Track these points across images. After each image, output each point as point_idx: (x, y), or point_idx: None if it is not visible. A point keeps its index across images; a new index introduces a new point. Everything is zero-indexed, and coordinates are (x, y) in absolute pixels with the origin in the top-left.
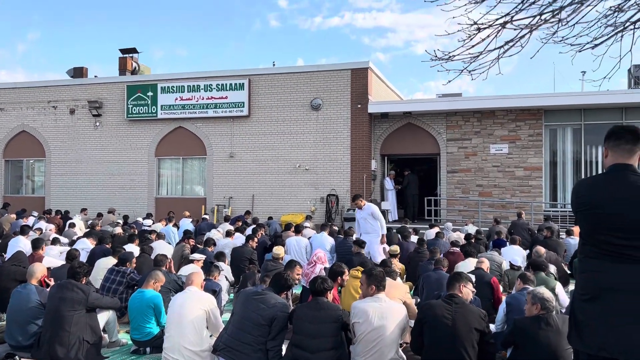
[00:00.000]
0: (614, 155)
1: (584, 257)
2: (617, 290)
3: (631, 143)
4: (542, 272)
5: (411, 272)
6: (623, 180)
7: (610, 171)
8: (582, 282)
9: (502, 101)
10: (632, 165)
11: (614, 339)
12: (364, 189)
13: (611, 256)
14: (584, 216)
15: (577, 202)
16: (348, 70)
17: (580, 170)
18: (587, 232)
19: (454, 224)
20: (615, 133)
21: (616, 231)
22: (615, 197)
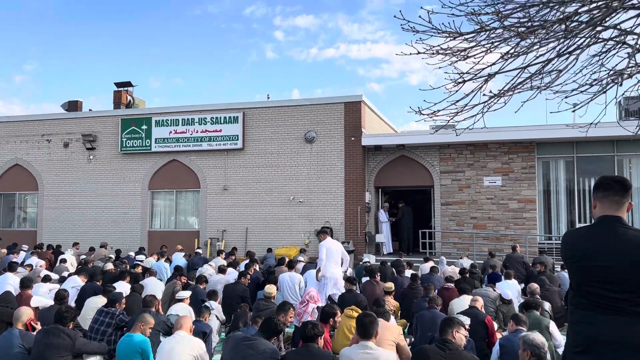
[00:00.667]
0: (602, 206)
1: (575, 308)
2: (608, 343)
3: (619, 195)
4: (536, 310)
5: (405, 309)
6: (611, 232)
7: (599, 223)
8: (573, 334)
9: (495, 134)
10: (621, 217)
11: None
12: (358, 221)
13: (602, 308)
14: (573, 268)
15: (565, 253)
16: (341, 103)
17: (574, 202)
18: (577, 283)
19: (449, 256)
20: (604, 184)
21: (606, 284)
22: (604, 249)
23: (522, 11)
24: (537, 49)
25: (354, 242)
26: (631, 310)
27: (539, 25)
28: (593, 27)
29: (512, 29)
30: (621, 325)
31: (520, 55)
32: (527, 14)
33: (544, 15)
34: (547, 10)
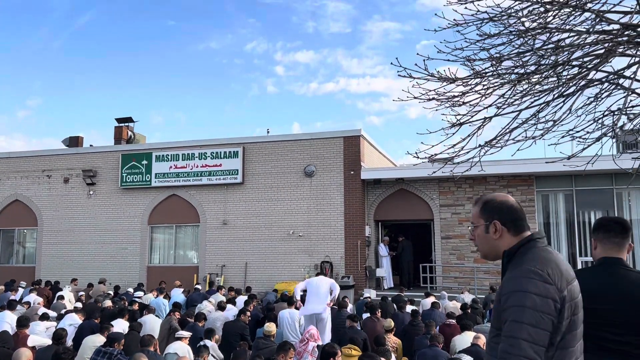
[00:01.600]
0: (603, 248)
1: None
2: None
3: (620, 236)
4: None
5: (407, 346)
6: (613, 274)
7: (600, 264)
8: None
9: (494, 167)
10: (622, 259)
11: None
12: (359, 255)
13: (605, 351)
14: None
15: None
16: (340, 137)
17: (574, 234)
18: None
19: (450, 291)
20: (604, 225)
21: (608, 326)
22: (605, 292)
23: (516, 58)
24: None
25: (354, 277)
26: (635, 353)
27: (531, 71)
28: (586, 74)
29: (505, 76)
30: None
31: (515, 100)
32: (520, 60)
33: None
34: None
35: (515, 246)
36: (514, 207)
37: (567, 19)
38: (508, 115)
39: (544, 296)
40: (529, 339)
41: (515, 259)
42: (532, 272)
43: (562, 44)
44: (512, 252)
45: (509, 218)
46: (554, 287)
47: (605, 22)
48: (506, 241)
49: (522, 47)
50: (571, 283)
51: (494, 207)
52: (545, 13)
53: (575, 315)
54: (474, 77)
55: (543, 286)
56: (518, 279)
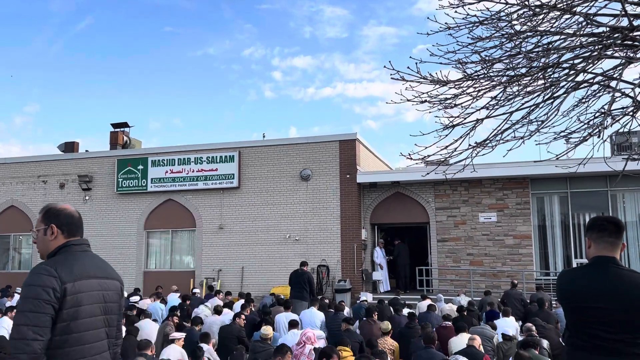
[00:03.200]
0: (597, 247)
1: (572, 348)
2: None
3: (614, 236)
4: (534, 349)
5: (403, 349)
6: (606, 273)
7: (593, 263)
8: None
9: (488, 170)
10: (615, 258)
11: None
12: (355, 258)
13: (598, 349)
14: (569, 308)
15: (561, 294)
16: (336, 141)
17: (569, 236)
18: (573, 323)
19: (446, 294)
20: (598, 225)
21: (602, 324)
22: (598, 290)
23: (506, 60)
24: (522, 95)
25: (351, 280)
26: (627, 351)
27: (522, 74)
28: (575, 75)
29: (496, 78)
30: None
31: (507, 102)
32: (511, 63)
33: (528, 64)
34: (529, 61)
35: (56, 248)
36: (72, 215)
37: (556, 22)
38: (499, 117)
39: (45, 286)
40: (29, 322)
41: (52, 257)
42: (42, 269)
43: (551, 47)
44: (53, 253)
45: (65, 222)
46: (57, 279)
47: (594, 25)
48: (60, 242)
49: (513, 50)
50: (83, 279)
51: (53, 214)
52: (534, 16)
53: (80, 307)
54: (465, 80)
55: (47, 279)
56: (31, 275)
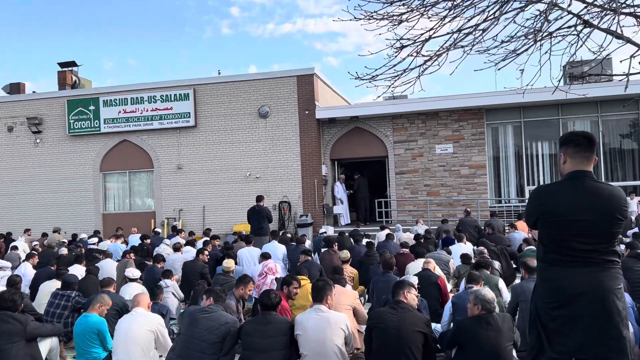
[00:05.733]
0: (573, 162)
1: (548, 264)
2: (584, 294)
3: (589, 150)
4: (486, 269)
5: (363, 276)
6: (583, 187)
7: (570, 178)
8: (546, 290)
9: (445, 102)
10: (591, 171)
11: (589, 342)
12: (316, 194)
13: (573, 262)
14: (548, 223)
15: (539, 209)
16: (294, 77)
17: (522, 165)
18: (551, 238)
19: (404, 224)
20: (574, 140)
21: (580, 237)
22: (577, 204)
23: None
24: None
25: (312, 215)
26: (600, 259)
27: None
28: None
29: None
30: (590, 275)
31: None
32: None
33: None
34: None
35: None
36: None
37: None
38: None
39: None
40: None
41: None
42: None
43: None
44: None
45: None
46: None
47: None
48: None
49: None
50: None
51: None
52: None
53: None
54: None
55: None
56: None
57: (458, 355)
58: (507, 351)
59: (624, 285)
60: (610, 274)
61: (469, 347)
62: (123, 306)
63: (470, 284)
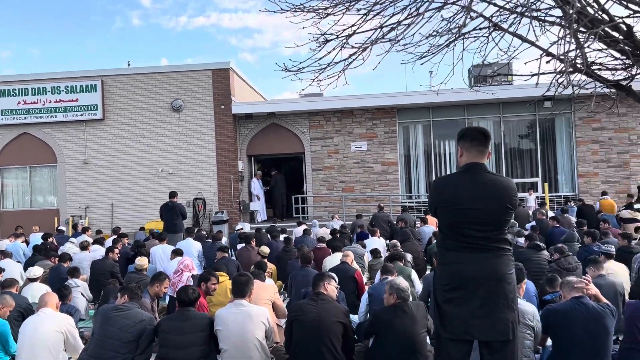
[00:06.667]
0: (468, 155)
1: (445, 250)
2: (477, 278)
3: (483, 145)
4: (400, 261)
5: (281, 271)
6: (477, 178)
7: (466, 170)
8: (444, 274)
9: (359, 101)
10: (484, 164)
11: (477, 324)
12: (232, 190)
13: (469, 248)
14: (445, 212)
15: (438, 199)
16: (209, 70)
17: (431, 163)
18: (448, 226)
19: (321, 219)
20: (470, 135)
21: (474, 224)
22: (471, 194)
23: None
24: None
25: (228, 212)
26: (492, 246)
27: None
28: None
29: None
30: (485, 261)
31: (377, 14)
32: None
33: None
34: None
35: None
36: None
37: None
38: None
39: None
40: None
41: None
42: None
43: None
44: None
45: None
46: None
47: None
48: None
49: None
50: None
51: None
52: None
53: None
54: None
55: None
56: None
57: (375, 343)
58: (421, 337)
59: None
60: (503, 260)
61: (385, 335)
62: (27, 307)
63: (385, 275)
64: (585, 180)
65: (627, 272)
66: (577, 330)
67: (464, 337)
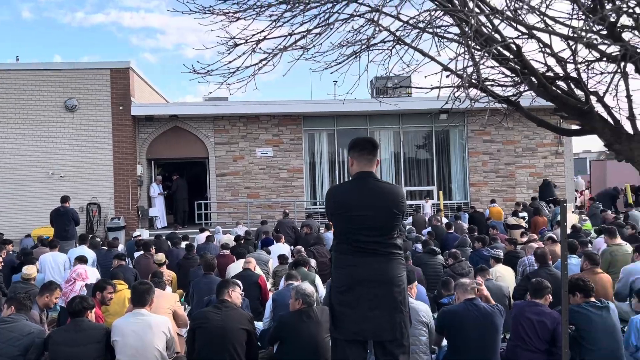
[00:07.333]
0: (358, 164)
1: (339, 254)
2: (368, 281)
3: (372, 154)
4: (304, 267)
5: (182, 279)
6: (366, 186)
7: (357, 178)
8: (338, 276)
9: (266, 107)
10: (373, 172)
11: (367, 324)
12: (130, 195)
13: (361, 252)
14: (338, 218)
15: (332, 206)
16: (107, 69)
17: (335, 170)
18: (341, 231)
19: (225, 226)
20: (359, 144)
21: (364, 230)
22: (361, 201)
23: None
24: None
25: (126, 218)
26: (383, 251)
27: None
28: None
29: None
30: (376, 265)
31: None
32: None
33: None
34: None
35: None
36: None
37: None
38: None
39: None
40: None
41: None
42: None
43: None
44: None
45: None
46: None
47: None
48: None
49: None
50: None
51: None
52: None
53: None
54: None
55: None
56: None
57: (280, 350)
58: (325, 342)
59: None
60: (393, 264)
61: (290, 341)
62: None
63: (290, 281)
64: (476, 189)
65: (513, 274)
66: (470, 330)
67: (355, 337)
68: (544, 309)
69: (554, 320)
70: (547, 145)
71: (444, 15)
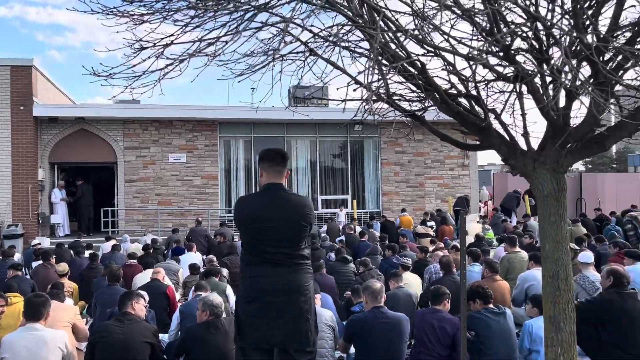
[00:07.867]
0: (268, 175)
1: (246, 264)
2: (273, 290)
3: (281, 165)
4: (215, 277)
5: (84, 290)
6: (275, 197)
7: (265, 189)
8: (245, 287)
9: (179, 111)
10: (282, 183)
11: (273, 332)
12: (30, 201)
13: (267, 262)
14: (246, 229)
15: (239, 217)
16: (7, 66)
17: (251, 178)
18: (248, 242)
19: (133, 234)
20: (268, 156)
21: (272, 240)
22: (269, 212)
23: None
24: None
25: (24, 225)
26: (289, 262)
27: None
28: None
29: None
30: (282, 274)
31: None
32: None
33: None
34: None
35: None
36: None
37: None
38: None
39: None
40: None
41: None
42: None
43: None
44: None
45: None
46: None
47: None
48: None
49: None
50: None
51: None
52: None
53: None
54: (156, 1)
55: None
56: None
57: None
58: (232, 353)
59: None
60: (299, 274)
61: (197, 353)
62: None
63: (199, 292)
64: (388, 198)
65: (420, 282)
66: (377, 338)
67: (261, 345)
68: (444, 315)
69: (454, 326)
70: (454, 158)
71: (355, 30)
